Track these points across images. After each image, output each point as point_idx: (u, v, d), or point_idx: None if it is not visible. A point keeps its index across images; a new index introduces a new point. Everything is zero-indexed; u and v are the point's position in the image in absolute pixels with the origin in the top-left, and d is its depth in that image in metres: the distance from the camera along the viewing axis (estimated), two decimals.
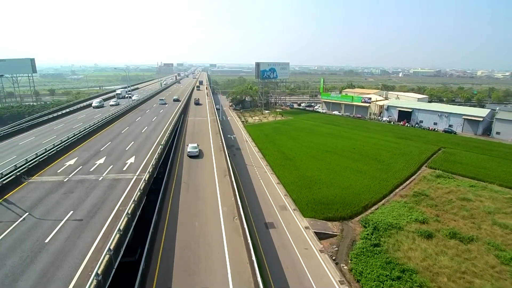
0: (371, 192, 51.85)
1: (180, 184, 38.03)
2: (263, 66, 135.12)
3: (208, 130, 66.66)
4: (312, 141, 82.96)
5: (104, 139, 51.31)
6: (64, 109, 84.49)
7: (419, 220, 43.99)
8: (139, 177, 33.91)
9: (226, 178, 40.82)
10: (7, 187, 29.90)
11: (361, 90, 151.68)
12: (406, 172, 61.48)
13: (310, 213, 44.00)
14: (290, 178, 56.12)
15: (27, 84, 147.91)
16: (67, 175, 33.95)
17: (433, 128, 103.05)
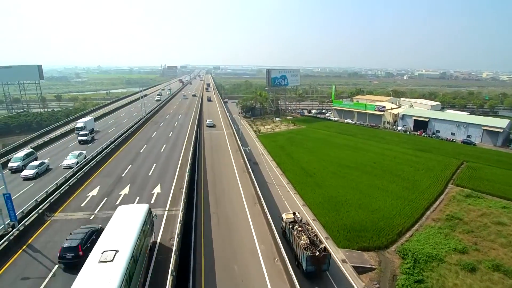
0: (402, 216, 49.42)
1: (210, 216, 35.69)
2: (274, 73, 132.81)
3: (227, 146, 64.40)
4: (330, 154, 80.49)
5: (124, 160, 49.19)
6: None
7: (458, 250, 41.69)
8: (170, 212, 31.64)
9: (256, 206, 38.50)
10: (29, 228, 27.62)
11: (373, 97, 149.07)
12: (434, 191, 59.04)
13: (344, 243, 41.60)
14: (315, 199, 53.70)
15: (33, 88, 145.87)
16: (92, 211, 31.71)
17: (451, 138, 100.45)
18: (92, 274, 18.08)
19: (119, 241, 20.81)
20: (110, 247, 19.99)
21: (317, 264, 30.13)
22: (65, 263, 23.28)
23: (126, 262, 19.00)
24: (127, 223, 23.34)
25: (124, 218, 24.35)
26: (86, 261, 19.23)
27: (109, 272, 18.02)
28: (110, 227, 23.01)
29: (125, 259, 19.16)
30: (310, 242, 31.48)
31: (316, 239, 32.30)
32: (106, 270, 18.18)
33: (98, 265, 18.59)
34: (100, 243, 20.89)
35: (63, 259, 23.21)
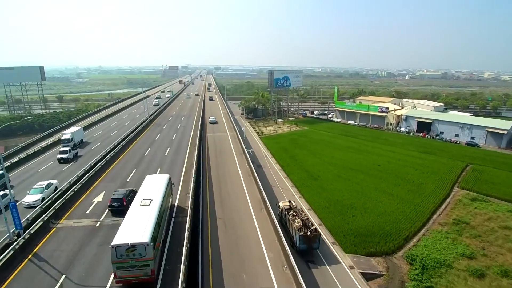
0: (409, 220, 48.95)
1: (216, 221, 35.31)
2: (277, 74, 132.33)
3: (231, 149, 63.98)
4: (334, 156, 79.99)
5: (128, 164, 48.86)
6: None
7: (466, 255, 41.21)
8: (177, 219, 31.28)
9: (262, 212, 38.11)
10: (35, 236, 27.22)
11: (376, 98, 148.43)
12: (439, 195, 58.52)
13: (350, 248, 41.11)
14: (320, 203, 53.22)
15: (34, 89, 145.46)
16: (97, 218, 31.31)
17: (455, 140, 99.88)
18: (136, 213, 26.78)
19: (152, 195, 29.47)
20: (147, 198, 28.86)
21: (309, 243, 34.84)
22: (112, 210, 32.83)
23: (158, 207, 27.49)
24: (155, 185, 32.13)
25: (152, 182, 33.27)
26: (131, 206, 28.32)
27: (148, 211, 26.67)
28: (143, 188, 32.07)
29: (157, 205, 27.75)
30: (303, 224, 35.61)
31: (308, 222, 36.76)
32: (145, 210, 26.87)
33: (140, 207, 27.55)
34: (139, 196, 30.02)
35: (112, 207, 32.87)
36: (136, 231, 23.93)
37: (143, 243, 22.65)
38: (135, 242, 22.57)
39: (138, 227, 24.41)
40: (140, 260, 22.55)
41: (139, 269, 22.66)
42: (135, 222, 25.46)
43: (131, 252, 22.44)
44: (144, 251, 22.53)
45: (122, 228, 24.60)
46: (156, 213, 26.43)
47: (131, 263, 22.50)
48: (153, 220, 25.38)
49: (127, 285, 23.12)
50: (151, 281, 23.32)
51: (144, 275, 22.92)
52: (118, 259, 22.36)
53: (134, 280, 23.02)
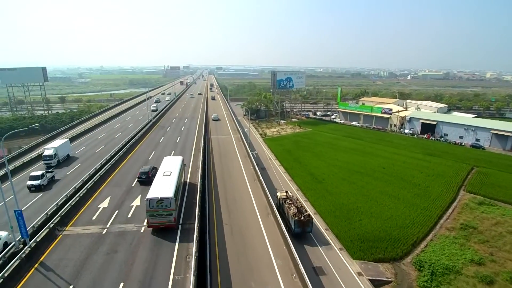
0: (416, 225, 48.47)
1: (223, 227, 34.90)
2: (280, 75, 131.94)
3: (236, 151, 63.56)
4: (338, 158, 79.47)
5: (133, 168, 48.46)
6: None
7: (475, 261, 40.73)
8: (184, 226, 30.86)
9: (269, 217, 37.70)
10: (41, 244, 26.84)
11: (379, 99, 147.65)
12: (446, 198, 58.02)
13: (358, 254, 40.66)
14: (326, 207, 52.75)
15: (37, 89, 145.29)
16: (104, 225, 30.91)
17: (460, 142, 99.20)
18: (161, 180, 35.11)
19: (171, 169, 37.81)
20: (167, 171, 37.32)
21: (303, 226, 39.09)
22: (140, 181, 42.58)
23: (176, 177, 35.73)
24: (172, 163, 40.54)
25: (170, 162, 42.00)
26: (156, 176, 37.10)
27: (169, 179, 35.06)
28: (163, 165, 40.27)
29: (176, 176, 36.08)
30: (298, 211, 39.48)
31: (302, 209, 40.86)
32: (167, 178, 35.29)
33: (163, 176, 35.95)
34: (160, 170, 38.30)
35: (140, 178, 42.79)
36: (163, 189, 31.95)
37: (168, 197, 30.57)
38: (163, 196, 30.55)
39: (164, 188, 32.53)
40: (166, 210, 30.23)
41: (165, 217, 30.30)
42: (161, 185, 33.56)
43: (160, 203, 30.17)
44: (169, 203, 30.36)
45: (152, 188, 32.72)
46: (175, 180, 34.85)
47: (159, 212, 30.14)
48: (174, 184, 33.74)
49: (156, 230, 30.36)
50: (173, 226, 30.90)
51: (168, 222, 30.53)
52: (150, 209, 30.05)
53: (161, 225, 30.54)
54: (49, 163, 49.17)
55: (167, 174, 36.40)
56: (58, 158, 51.60)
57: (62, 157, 52.99)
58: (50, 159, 49.58)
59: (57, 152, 51.48)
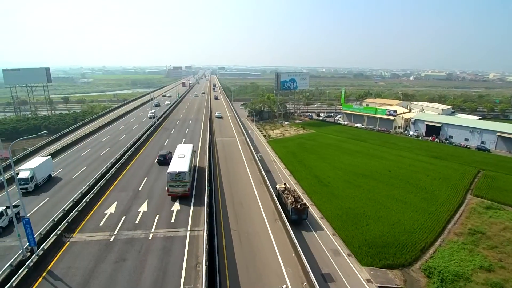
0: (424, 230, 47.97)
1: (230, 233, 34.50)
2: (283, 76, 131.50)
3: (241, 154, 63.12)
4: (343, 161, 78.99)
5: (139, 172, 48.17)
6: None
7: (484, 268, 40.27)
8: (192, 233, 30.41)
9: (277, 223, 37.26)
10: (48, 252, 26.49)
11: (383, 101, 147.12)
12: (453, 202, 57.49)
13: (366, 260, 40.18)
14: (332, 211, 52.30)
15: (40, 89, 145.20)
16: (112, 231, 30.54)
17: (465, 145, 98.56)
18: (177, 160, 43.45)
19: (184, 152, 46.64)
20: (181, 154, 45.85)
21: (299, 214, 43.86)
22: (159, 162, 52.38)
23: (189, 158, 44.28)
24: (185, 149, 48.85)
25: (183, 148, 50.54)
26: (172, 158, 45.68)
27: (184, 159, 43.35)
28: (178, 150, 48.97)
29: (189, 158, 44.51)
30: (295, 200, 44.73)
31: (299, 198, 46.43)
32: (182, 159, 43.66)
33: (178, 158, 44.31)
34: (175, 153, 46.90)
35: (159, 159, 52.72)
36: (179, 166, 40.70)
37: (184, 171, 39.19)
38: (180, 170, 39.13)
39: (180, 164, 41.29)
40: (182, 181, 38.85)
41: (181, 187, 38.94)
42: (178, 163, 42.27)
43: (178, 176, 38.59)
44: (185, 176, 38.96)
45: (171, 165, 41.60)
46: (189, 160, 43.46)
47: (177, 183, 38.73)
48: (188, 163, 42.45)
49: (174, 197, 38.98)
50: (187, 195, 39.67)
51: (184, 191, 39.19)
52: (170, 181, 38.59)
53: (178, 194, 39.15)
54: (25, 188, 39.84)
55: (181, 156, 45.16)
56: (36, 181, 41.52)
57: (42, 180, 42.98)
58: (26, 183, 39.81)
59: (35, 174, 41.37)
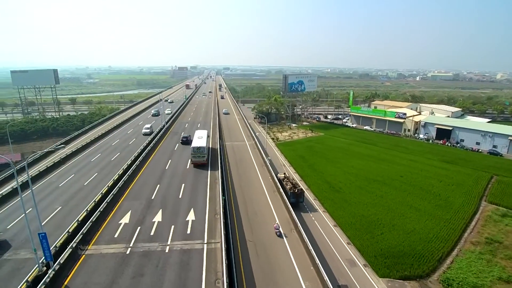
0: (440, 239, 47.03)
1: (246, 244, 33.84)
2: (291, 78, 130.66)
3: (252, 159, 62.50)
4: (353, 166, 78.03)
5: (151, 179, 47.70)
6: None
7: (503, 279, 39.38)
8: (209, 246, 29.79)
9: (293, 233, 36.57)
10: (65, 266, 25.99)
11: (392, 103, 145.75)
12: (468, 210, 56.52)
13: (383, 271, 39.35)
14: (345, 218, 51.52)
15: (48, 89, 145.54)
16: (127, 243, 29.99)
17: (476, 148, 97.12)
18: (197, 139, 56.69)
19: (202, 135, 59.37)
20: (200, 136, 58.81)
21: (296, 197, 51.26)
22: (182, 142, 69.12)
23: (206, 139, 57.92)
24: (202, 133, 61.31)
25: (200, 132, 62.62)
26: (193, 139, 58.58)
27: (202, 139, 56.66)
28: (196, 134, 61.26)
29: (205, 138, 57.79)
30: (293, 186, 52.05)
31: (297, 185, 53.84)
32: (200, 139, 56.85)
33: (198, 138, 57.49)
34: (195, 136, 59.94)
35: (182, 140, 69.63)
36: (199, 143, 54.99)
37: (203, 146, 53.87)
38: (200, 145, 53.92)
39: (200, 142, 55.36)
40: (202, 154, 53.82)
41: (201, 157, 53.87)
42: (198, 141, 56.09)
43: (198, 150, 53.59)
44: (203, 150, 53.84)
45: (193, 143, 55.85)
46: (205, 140, 57.02)
47: (198, 155, 53.70)
48: (205, 141, 56.14)
49: (195, 165, 53.91)
50: (205, 163, 54.33)
51: (202, 161, 54.04)
52: (193, 153, 53.64)
53: (199, 162, 53.99)
54: None
55: (200, 137, 58.21)
56: None
57: None
58: None
59: None
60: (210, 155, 59.35)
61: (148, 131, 79.19)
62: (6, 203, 39.69)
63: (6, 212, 37.71)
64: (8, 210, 38.18)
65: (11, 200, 40.18)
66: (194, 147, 53.58)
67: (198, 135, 60.05)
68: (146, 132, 78.54)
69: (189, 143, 63.13)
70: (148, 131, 78.96)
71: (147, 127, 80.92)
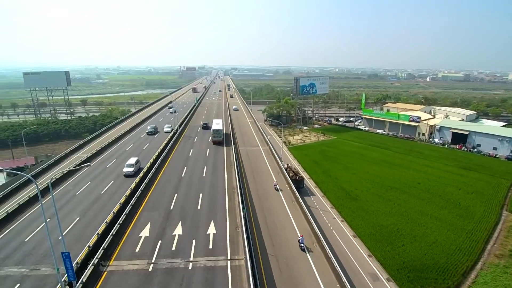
0: (463, 251, 45.72)
1: (268, 259, 32.96)
2: (303, 81, 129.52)
3: (267, 166, 61.67)
4: (369, 171, 76.71)
5: (167, 187, 47.10)
6: None
7: None
8: (233, 263, 28.97)
9: (316, 247, 35.61)
10: (87, 284, 25.36)
11: (405, 106, 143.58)
12: (490, 220, 55.08)
13: (407, 286, 38.21)
14: (364, 229, 50.37)
15: (59, 90, 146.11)
16: (149, 259, 29.31)
17: (494, 154, 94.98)
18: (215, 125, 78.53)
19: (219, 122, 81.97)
20: (218, 123, 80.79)
21: (297, 183, 57.99)
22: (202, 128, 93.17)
23: (221, 124, 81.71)
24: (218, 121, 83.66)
25: (217, 120, 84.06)
26: (212, 125, 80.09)
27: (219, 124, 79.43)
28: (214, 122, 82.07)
29: (221, 124, 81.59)
30: (294, 174, 60.46)
31: (298, 173, 62.75)
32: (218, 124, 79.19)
33: (216, 124, 78.85)
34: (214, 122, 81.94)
35: (203, 126, 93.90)
36: (217, 126, 76.43)
37: (220, 129, 76.23)
38: (218, 128, 75.35)
39: (218, 126, 76.28)
40: (219, 134, 74.68)
41: (218, 137, 74.26)
42: (216, 126, 76.18)
43: (217, 132, 74.36)
44: (221, 132, 75.67)
45: (213, 126, 76.68)
46: (221, 125, 79.48)
47: (216, 135, 74.20)
48: (221, 126, 78.85)
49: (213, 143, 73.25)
50: (221, 141, 74.30)
51: (219, 140, 74.37)
52: (213, 134, 74.51)
53: (216, 141, 74.02)
54: None
55: (217, 123, 78.60)
56: None
57: None
58: None
59: None
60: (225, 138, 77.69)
61: (129, 172, 54.30)
62: (22, 212, 39.42)
63: (23, 223, 37.35)
64: (25, 221, 37.86)
65: (26, 210, 39.94)
66: (213, 129, 74.57)
67: (216, 122, 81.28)
68: (127, 173, 54.02)
69: (209, 128, 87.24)
70: (128, 172, 54.13)
71: (131, 164, 55.05)
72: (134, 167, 53.34)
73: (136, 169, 53.71)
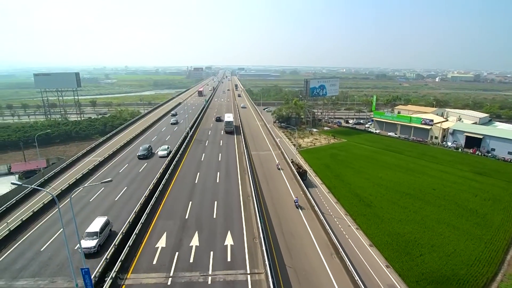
0: (483, 262, 44.50)
1: (287, 271, 32.27)
2: (313, 83, 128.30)
3: (280, 172, 60.93)
4: (382, 176, 75.49)
5: (182, 194, 46.53)
6: None
7: None
8: (253, 277, 28.29)
9: (334, 259, 34.81)
10: None
11: (416, 108, 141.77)
12: (509, 228, 53.75)
13: None
14: (380, 237, 49.30)
15: (69, 91, 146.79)
16: (167, 272, 28.75)
17: (509, 158, 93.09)
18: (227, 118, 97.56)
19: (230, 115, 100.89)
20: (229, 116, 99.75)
21: (301, 176, 60.69)
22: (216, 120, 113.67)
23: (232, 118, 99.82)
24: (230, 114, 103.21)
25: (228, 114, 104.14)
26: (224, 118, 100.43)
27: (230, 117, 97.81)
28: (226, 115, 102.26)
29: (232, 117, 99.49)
30: (298, 167, 64.70)
31: (301, 166, 68.44)
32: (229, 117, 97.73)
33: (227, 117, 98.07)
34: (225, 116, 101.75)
35: (216, 118, 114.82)
36: (229, 118, 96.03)
37: (232, 121, 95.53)
38: (230, 120, 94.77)
39: (229, 118, 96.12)
40: (231, 126, 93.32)
41: (230, 128, 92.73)
42: (228, 117, 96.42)
43: (229, 123, 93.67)
44: (232, 123, 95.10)
45: (225, 119, 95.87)
46: (232, 118, 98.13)
47: (228, 126, 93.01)
48: (232, 118, 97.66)
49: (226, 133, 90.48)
50: (232, 132, 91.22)
51: (231, 130, 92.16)
52: (225, 125, 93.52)
53: (228, 131, 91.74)
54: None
55: (228, 117, 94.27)
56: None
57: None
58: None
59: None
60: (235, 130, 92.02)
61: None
62: (37, 220, 39.19)
63: (38, 232, 37.07)
64: (39, 229, 37.61)
65: (41, 218, 39.73)
66: (226, 121, 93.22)
67: (227, 115, 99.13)
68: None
69: (221, 120, 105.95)
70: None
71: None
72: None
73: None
